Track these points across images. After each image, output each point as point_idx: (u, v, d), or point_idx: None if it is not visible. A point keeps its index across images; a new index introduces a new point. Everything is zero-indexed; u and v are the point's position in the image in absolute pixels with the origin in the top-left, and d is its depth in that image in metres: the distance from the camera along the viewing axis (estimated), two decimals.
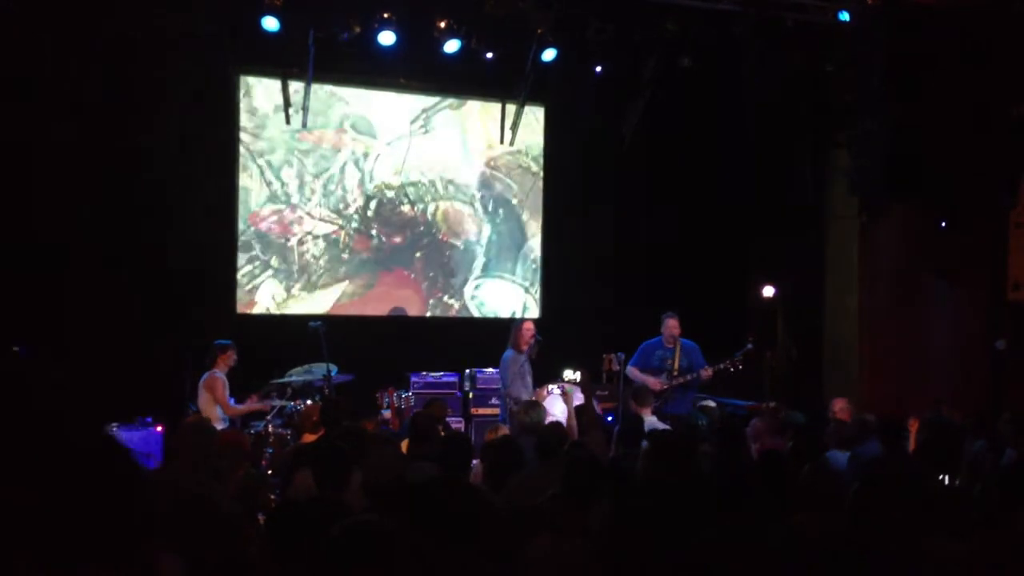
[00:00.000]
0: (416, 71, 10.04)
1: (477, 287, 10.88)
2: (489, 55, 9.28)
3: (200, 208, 9.40)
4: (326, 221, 10.18)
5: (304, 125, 9.90)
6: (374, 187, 10.37)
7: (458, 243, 10.78)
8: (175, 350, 8.33)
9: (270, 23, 8.49)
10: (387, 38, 8.83)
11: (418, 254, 10.60)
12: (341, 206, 10.24)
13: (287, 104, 9.68)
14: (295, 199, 10.04)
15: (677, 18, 9.16)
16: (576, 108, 10.73)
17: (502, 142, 10.80)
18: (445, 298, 10.73)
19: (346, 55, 9.21)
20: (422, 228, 10.61)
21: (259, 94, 9.87)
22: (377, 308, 10.42)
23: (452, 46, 9.02)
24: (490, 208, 10.92)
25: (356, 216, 10.31)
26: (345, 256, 10.27)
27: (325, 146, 10.14)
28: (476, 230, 10.87)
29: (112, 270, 8.82)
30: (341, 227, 10.24)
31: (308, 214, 10.10)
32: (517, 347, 8.53)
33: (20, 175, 8.43)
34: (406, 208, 10.52)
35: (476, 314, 10.84)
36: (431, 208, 10.64)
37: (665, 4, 9.09)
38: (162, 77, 8.87)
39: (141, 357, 8.61)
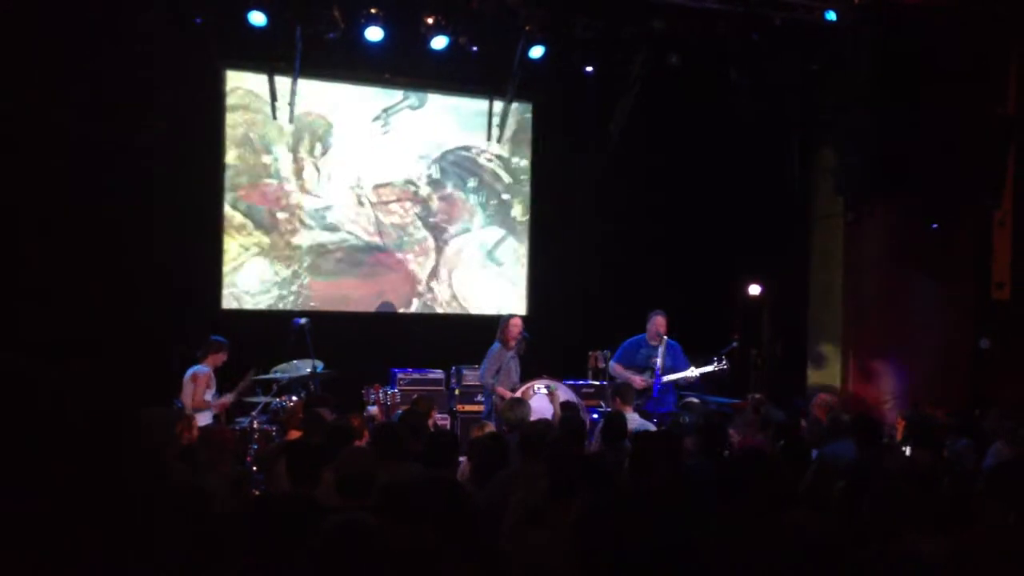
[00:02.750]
0: (403, 68, 10.02)
1: (464, 275, 10.86)
2: (476, 51, 9.25)
3: (187, 205, 9.37)
4: (315, 196, 10.16)
5: (290, 120, 9.88)
6: (363, 168, 10.33)
7: (450, 228, 10.78)
8: (161, 346, 8.29)
9: (257, 18, 8.47)
10: (374, 34, 8.81)
11: (406, 237, 10.58)
12: (330, 185, 10.22)
13: (274, 98, 9.66)
14: (284, 175, 10.04)
15: (665, 16, 9.17)
16: (564, 105, 10.72)
17: (489, 139, 10.80)
18: (433, 284, 10.71)
19: (333, 50, 9.18)
20: (413, 211, 10.59)
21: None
22: (364, 290, 10.40)
23: (439, 43, 9.00)
24: (481, 198, 10.92)
25: (345, 195, 10.29)
26: (333, 236, 10.25)
27: (316, 123, 10.10)
28: (468, 217, 10.86)
29: (99, 266, 8.79)
30: (329, 206, 10.21)
31: (297, 191, 10.09)
32: (504, 342, 8.53)
33: (7, 172, 8.40)
34: (396, 190, 10.49)
35: (463, 301, 10.83)
36: (423, 191, 10.62)
37: (653, 2, 9.09)
38: (149, 72, 8.82)
39: (127, 353, 8.58)
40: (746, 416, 6.94)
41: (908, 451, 6.14)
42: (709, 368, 8.59)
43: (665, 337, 8.69)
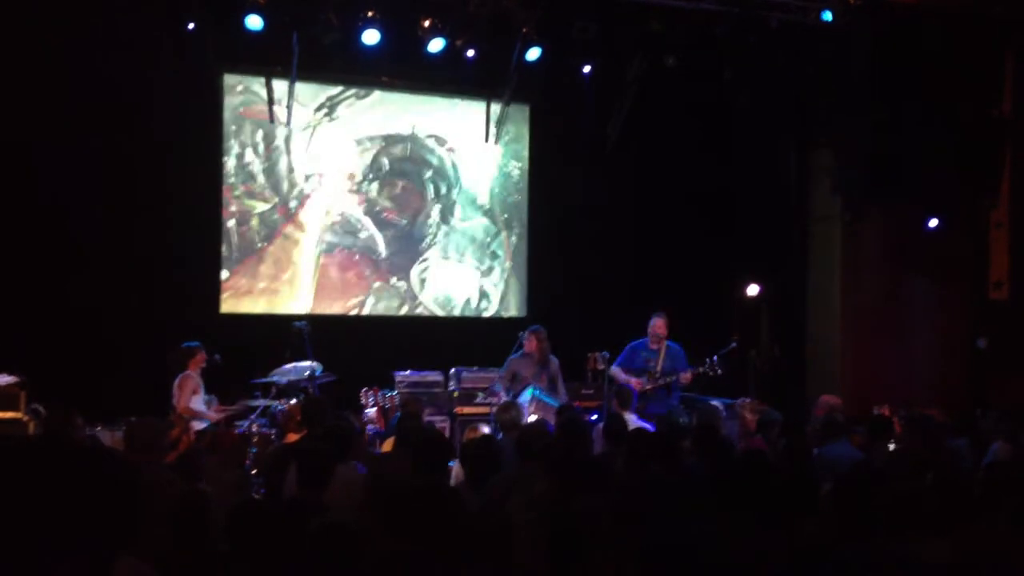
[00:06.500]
0: (400, 70, 10.02)
1: (426, 269, 10.70)
2: (473, 54, 9.25)
3: (184, 208, 9.37)
4: (262, 200, 9.97)
5: (287, 123, 9.86)
6: (312, 164, 10.15)
7: (403, 222, 10.57)
8: (160, 351, 8.28)
9: (254, 21, 8.45)
10: (371, 37, 8.81)
11: (362, 234, 10.40)
12: (277, 183, 10.01)
13: (271, 102, 9.66)
14: (231, 177, 9.84)
15: (661, 18, 9.19)
16: (561, 107, 10.72)
17: (486, 140, 10.79)
18: (393, 280, 10.54)
19: (330, 54, 9.18)
20: (364, 206, 10.39)
21: None
22: (321, 291, 10.20)
23: (436, 45, 9.00)
24: (477, 201, 10.82)
25: (294, 193, 10.09)
26: (282, 237, 10.04)
27: (260, 119, 9.85)
28: (424, 209, 10.65)
29: (97, 271, 8.79)
30: (277, 204, 10.02)
31: (244, 192, 9.90)
32: (529, 353, 8.55)
33: (6, 175, 8.43)
34: (349, 184, 10.33)
35: (461, 304, 10.75)
36: (374, 186, 10.43)
37: (649, 4, 9.11)
38: (146, 76, 8.84)
39: (126, 358, 8.59)
40: (742, 422, 6.97)
41: (892, 447, 6.15)
42: (700, 369, 8.56)
43: (666, 339, 8.68)
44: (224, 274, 9.81)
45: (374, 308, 10.46)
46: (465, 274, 10.91)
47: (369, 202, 10.38)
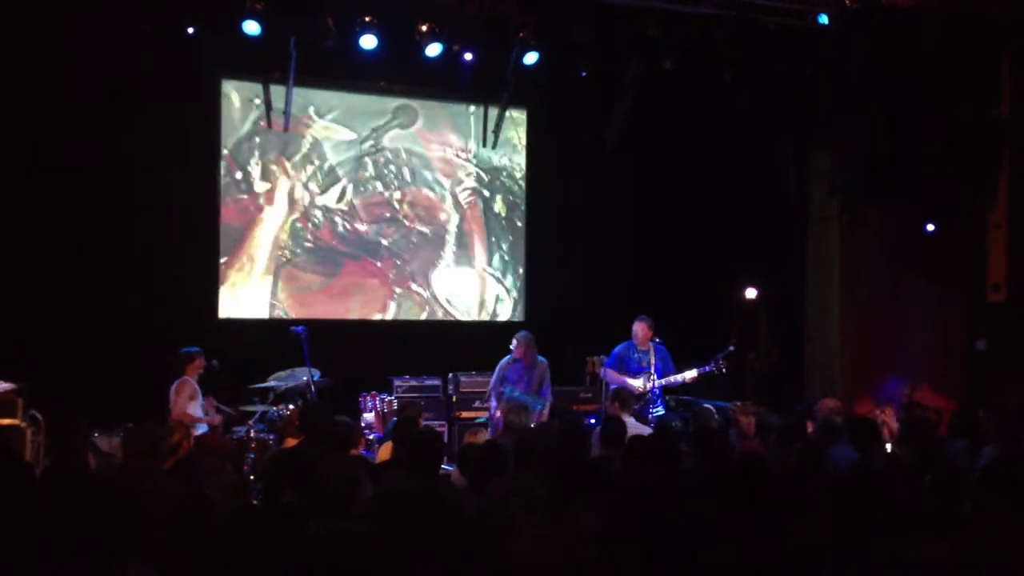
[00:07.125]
0: (398, 75, 10.03)
1: (446, 276, 10.79)
2: (471, 58, 9.26)
3: (183, 212, 9.38)
4: (287, 208, 10.05)
5: (285, 128, 9.86)
6: (336, 174, 10.24)
7: (426, 230, 10.67)
8: (159, 355, 8.28)
9: (251, 27, 8.44)
10: (368, 42, 8.80)
11: (384, 242, 10.48)
12: (302, 193, 10.11)
13: (268, 108, 9.67)
14: (256, 187, 9.93)
15: (658, 21, 9.19)
16: (559, 111, 10.74)
17: (484, 145, 10.80)
18: (413, 287, 10.62)
19: (327, 58, 9.19)
20: (388, 215, 10.49)
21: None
22: (342, 298, 10.29)
23: (434, 50, 9.00)
24: (460, 198, 10.83)
25: (318, 203, 10.19)
26: (308, 245, 10.14)
27: (287, 131, 9.91)
28: (445, 218, 10.77)
29: (96, 276, 8.80)
30: (302, 214, 10.11)
31: (268, 202, 9.97)
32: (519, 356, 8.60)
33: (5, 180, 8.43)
34: (372, 195, 10.40)
35: (445, 303, 10.76)
36: (396, 195, 10.53)
37: (646, 7, 9.11)
38: (146, 77, 8.84)
39: (125, 363, 8.59)
40: (739, 424, 6.98)
41: (889, 447, 6.14)
42: (706, 369, 8.58)
43: (652, 341, 8.70)
44: (225, 278, 9.83)
45: (395, 315, 10.54)
46: (477, 281, 10.93)
47: (368, 209, 10.40)
